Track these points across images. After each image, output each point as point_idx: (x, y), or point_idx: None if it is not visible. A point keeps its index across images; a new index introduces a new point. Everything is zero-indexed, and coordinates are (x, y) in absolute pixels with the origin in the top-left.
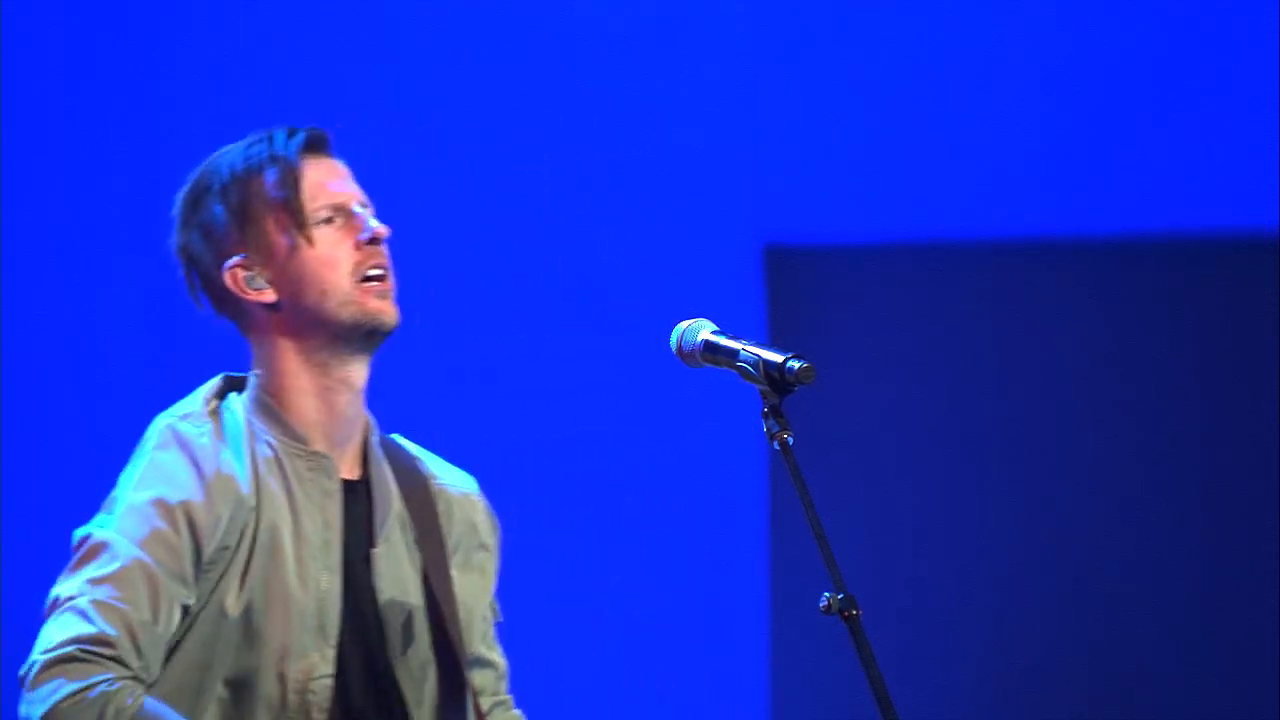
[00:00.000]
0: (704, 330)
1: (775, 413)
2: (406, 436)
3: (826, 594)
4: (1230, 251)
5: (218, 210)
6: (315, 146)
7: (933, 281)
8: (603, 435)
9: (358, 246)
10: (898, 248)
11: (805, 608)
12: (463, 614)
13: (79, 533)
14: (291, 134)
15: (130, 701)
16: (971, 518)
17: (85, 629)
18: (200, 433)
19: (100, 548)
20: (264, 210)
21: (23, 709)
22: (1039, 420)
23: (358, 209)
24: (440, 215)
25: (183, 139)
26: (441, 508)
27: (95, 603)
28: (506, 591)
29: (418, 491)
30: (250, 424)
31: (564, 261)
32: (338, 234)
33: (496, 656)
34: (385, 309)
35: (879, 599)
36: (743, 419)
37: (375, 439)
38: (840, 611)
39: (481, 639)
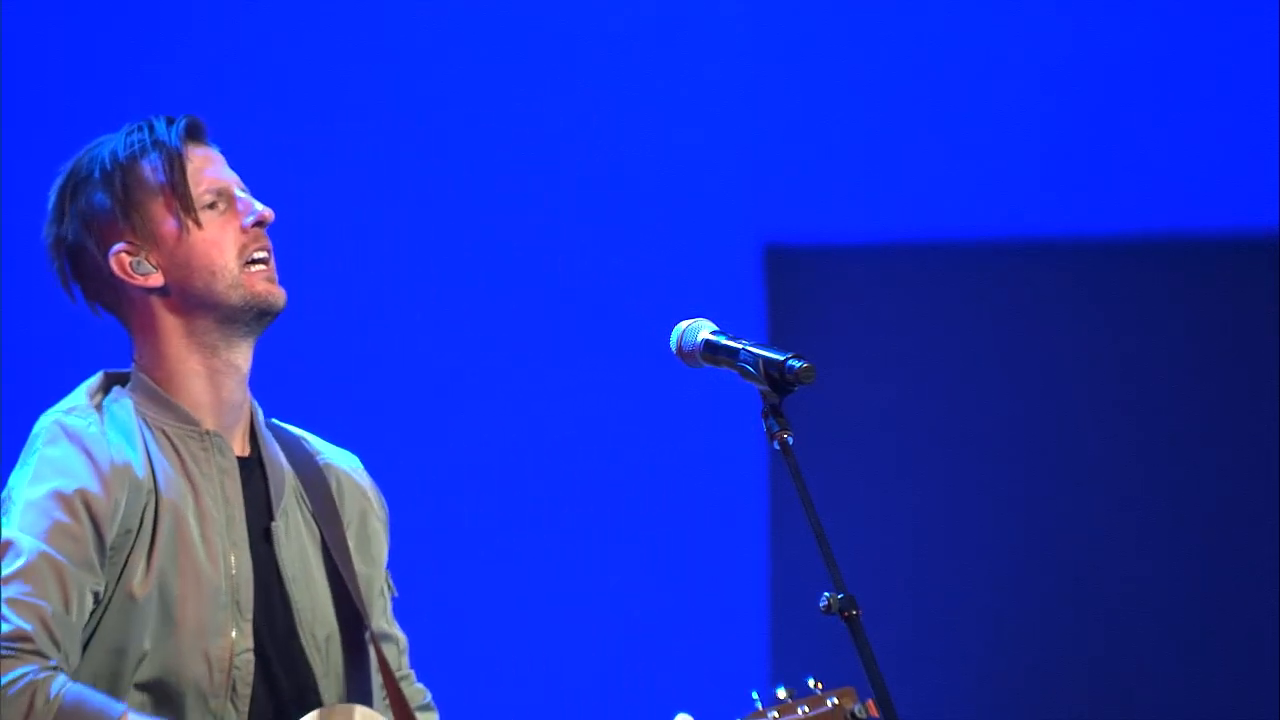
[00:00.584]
0: (704, 330)
1: (775, 413)
2: (404, 435)
3: (826, 594)
4: (1230, 251)
5: (99, 198)
6: (194, 134)
7: (933, 281)
8: (603, 435)
9: (243, 230)
10: (898, 248)
11: (805, 608)
12: (362, 586)
13: None
14: (170, 122)
15: (56, 689)
16: (971, 518)
17: (1, 627)
18: (88, 423)
19: (4, 547)
20: (149, 196)
21: None
22: (1039, 420)
23: (240, 193)
24: (441, 215)
25: None
26: (332, 484)
27: (8, 600)
28: (508, 591)
29: (308, 469)
30: (139, 411)
31: (564, 261)
32: (222, 218)
33: (397, 632)
34: (273, 291)
35: (879, 599)
36: (743, 419)
37: (261, 419)
38: (840, 611)
39: (382, 614)
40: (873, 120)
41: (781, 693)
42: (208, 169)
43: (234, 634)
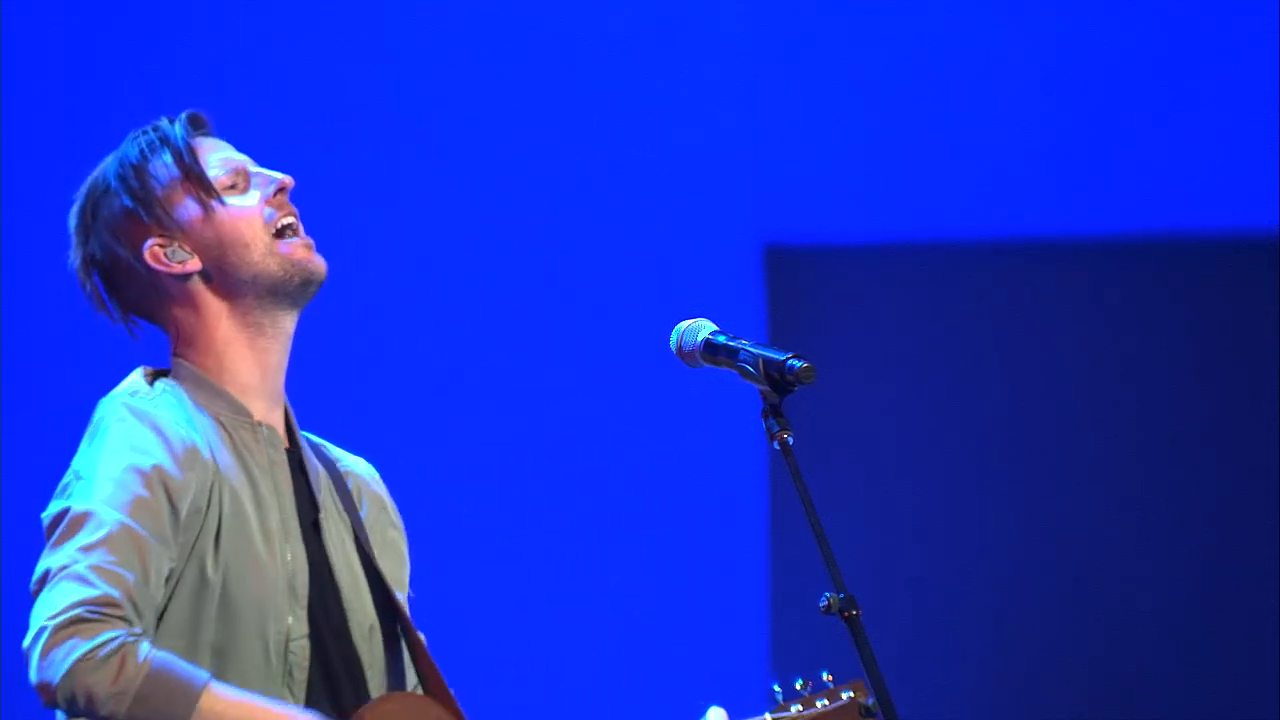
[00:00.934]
0: (704, 330)
1: (775, 412)
2: (404, 435)
3: (826, 594)
4: (1230, 251)
5: (120, 204)
6: (198, 126)
7: (933, 281)
8: (603, 435)
9: (267, 200)
10: (898, 248)
11: (805, 608)
12: (391, 585)
13: (52, 511)
14: (172, 120)
15: (144, 653)
16: (971, 518)
17: (89, 592)
18: (154, 405)
19: (84, 517)
20: (168, 188)
21: (37, 676)
22: (1039, 420)
23: (255, 168)
24: (441, 215)
25: None
26: (351, 486)
27: (93, 568)
28: (508, 591)
29: (330, 470)
30: (192, 401)
31: (564, 262)
32: (244, 195)
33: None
34: (312, 259)
35: (879, 599)
36: (743, 419)
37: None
38: (840, 611)
39: None
40: (873, 120)
41: (799, 685)
42: (218, 153)
43: (290, 619)
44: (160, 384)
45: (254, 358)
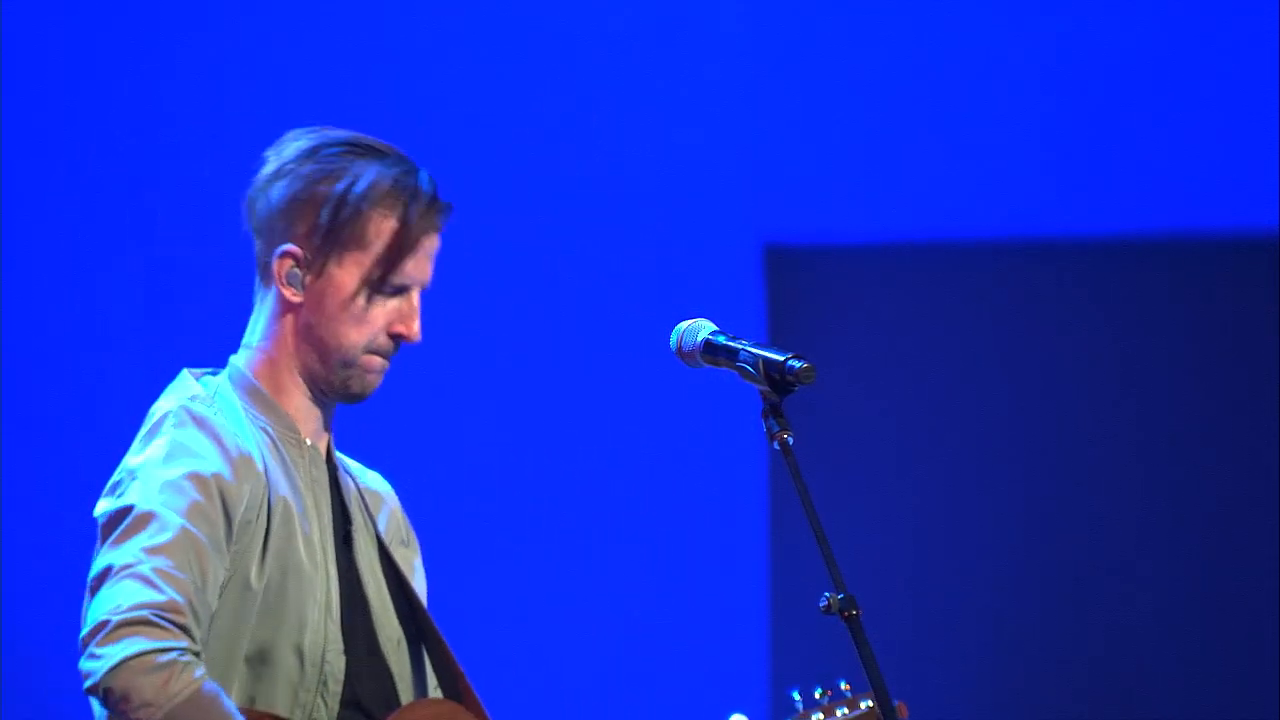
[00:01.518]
0: (704, 330)
1: (775, 412)
2: (404, 435)
3: (826, 594)
4: (1230, 251)
5: (323, 210)
6: (441, 221)
7: (933, 281)
8: (603, 435)
9: (391, 334)
10: (898, 248)
11: (805, 608)
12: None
13: (110, 508)
14: (433, 195)
15: (198, 676)
16: (971, 518)
17: (156, 595)
18: (214, 412)
19: (148, 518)
20: (358, 242)
21: (87, 664)
22: (1039, 420)
23: (417, 298)
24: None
25: (182, 138)
26: (370, 501)
27: (157, 571)
28: (508, 591)
29: (354, 483)
30: (246, 410)
31: (564, 262)
32: (388, 304)
33: None
34: (374, 384)
35: (879, 599)
36: (743, 419)
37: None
38: (840, 611)
39: None
40: (873, 120)
41: (818, 694)
42: (421, 262)
43: (325, 632)
44: (212, 384)
45: (306, 394)
